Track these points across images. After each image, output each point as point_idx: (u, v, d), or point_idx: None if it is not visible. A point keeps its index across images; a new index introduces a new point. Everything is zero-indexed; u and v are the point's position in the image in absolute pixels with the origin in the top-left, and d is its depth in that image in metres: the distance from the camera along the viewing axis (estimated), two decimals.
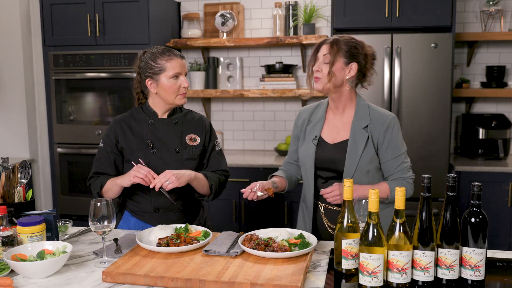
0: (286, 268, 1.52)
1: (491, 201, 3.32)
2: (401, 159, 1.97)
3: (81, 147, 3.78)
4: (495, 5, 3.65)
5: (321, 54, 1.96)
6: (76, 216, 3.72)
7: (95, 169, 2.11)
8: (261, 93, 3.84)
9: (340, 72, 1.94)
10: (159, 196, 2.05)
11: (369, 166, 1.96)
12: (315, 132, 2.05)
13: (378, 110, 2.01)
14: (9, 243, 1.64)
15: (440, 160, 3.37)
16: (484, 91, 3.66)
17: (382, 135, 1.95)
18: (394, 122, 1.97)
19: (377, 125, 1.96)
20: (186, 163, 2.08)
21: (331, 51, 1.93)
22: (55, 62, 3.75)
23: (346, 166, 1.95)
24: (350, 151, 1.95)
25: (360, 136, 1.96)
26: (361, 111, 1.99)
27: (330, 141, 2.02)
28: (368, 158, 1.95)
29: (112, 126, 2.12)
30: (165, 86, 2.02)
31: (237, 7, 4.04)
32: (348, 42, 1.95)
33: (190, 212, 2.15)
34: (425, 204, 1.42)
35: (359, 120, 1.98)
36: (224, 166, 2.21)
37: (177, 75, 2.03)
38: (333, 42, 1.94)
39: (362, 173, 1.95)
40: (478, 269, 1.42)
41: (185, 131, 2.12)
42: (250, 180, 3.56)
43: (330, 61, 1.92)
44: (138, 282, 1.49)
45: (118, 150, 2.09)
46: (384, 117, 1.97)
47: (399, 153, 1.97)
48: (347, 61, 1.94)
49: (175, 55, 2.04)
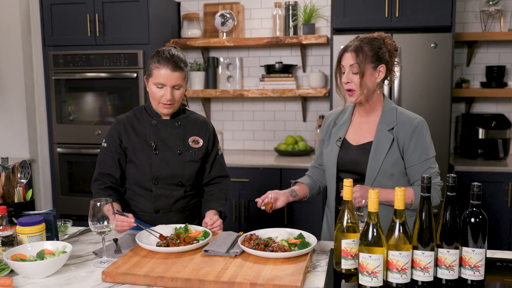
0: (285, 268, 1.52)
1: (491, 201, 3.32)
2: (428, 164, 1.88)
3: (81, 147, 3.78)
4: (495, 5, 3.65)
5: (347, 63, 1.88)
6: (75, 216, 3.72)
7: (100, 169, 2.08)
8: (261, 93, 3.84)
9: (371, 79, 1.88)
10: (160, 197, 2.05)
11: (393, 169, 1.89)
12: (340, 134, 2.00)
13: (405, 112, 1.95)
14: (9, 243, 1.65)
15: (440, 160, 3.34)
16: (484, 91, 3.66)
17: (409, 137, 1.88)
18: (422, 125, 1.90)
19: (403, 127, 1.89)
20: (189, 165, 2.08)
21: (358, 60, 1.85)
22: (55, 62, 3.75)
23: (368, 168, 1.89)
24: (373, 153, 1.89)
25: (385, 138, 1.89)
26: (388, 113, 1.93)
27: (355, 142, 1.97)
28: (392, 161, 1.88)
29: (115, 126, 2.09)
30: (150, 91, 2.01)
31: (237, 7, 4.04)
32: (371, 44, 1.87)
33: (190, 213, 2.16)
34: (425, 204, 1.42)
35: (385, 122, 1.92)
36: (226, 171, 2.24)
37: (161, 85, 1.97)
38: (358, 50, 1.85)
39: (386, 176, 1.89)
40: (478, 269, 1.42)
41: (188, 133, 2.11)
42: (249, 180, 3.56)
43: (360, 72, 1.84)
44: (137, 282, 1.49)
45: (122, 149, 2.07)
46: (411, 119, 1.90)
47: (427, 157, 1.88)
48: (374, 65, 1.87)
49: (166, 64, 1.95)
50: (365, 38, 1.90)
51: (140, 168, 2.04)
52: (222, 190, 2.19)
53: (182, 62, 1.99)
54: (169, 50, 1.99)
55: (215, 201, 2.13)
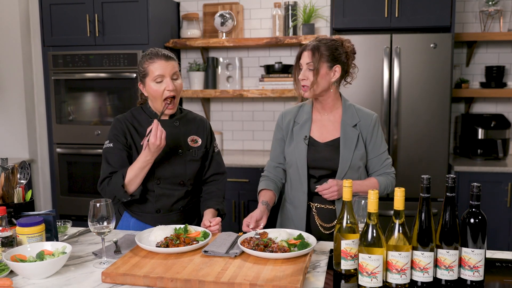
0: (285, 268, 1.52)
1: (490, 202, 3.32)
2: (385, 155, 2.07)
3: (80, 147, 3.78)
4: (494, 5, 3.65)
5: (304, 62, 2.00)
6: (75, 217, 3.72)
7: (110, 169, 2.00)
8: (260, 93, 3.84)
9: (326, 77, 1.99)
10: (161, 197, 2.06)
11: (360, 163, 2.02)
12: (304, 133, 2.06)
13: (362, 109, 2.09)
14: (9, 244, 1.65)
15: (439, 160, 3.37)
16: (483, 91, 3.66)
17: (370, 132, 2.04)
18: (378, 120, 2.08)
19: (365, 123, 2.04)
20: (190, 164, 2.08)
21: (313, 59, 1.96)
22: (54, 62, 3.75)
23: (340, 163, 1.99)
24: (343, 149, 2.00)
25: (351, 134, 2.02)
26: (349, 110, 2.06)
27: (321, 140, 2.05)
28: (360, 155, 2.01)
29: (119, 125, 2.06)
30: (151, 90, 1.99)
31: (236, 7, 4.04)
32: (328, 45, 1.98)
33: (190, 212, 2.16)
34: (424, 205, 1.43)
35: (348, 118, 2.04)
36: (224, 168, 2.24)
37: (160, 78, 1.96)
38: (314, 49, 1.97)
39: (354, 170, 2.01)
40: (477, 270, 1.42)
41: (187, 132, 2.12)
42: (249, 180, 3.56)
43: (314, 69, 1.95)
44: (137, 283, 1.49)
45: (128, 147, 2.04)
46: (370, 115, 2.06)
47: (384, 149, 2.07)
48: (330, 65, 1.98)
49: (159, 57, 1.97)
50: (323, 39, 2.02)
51: None
52: (219, 188, 2.20)
53: (171, 54, 2.03)
54: (155, 49, 2.03)
55: (213, 199, 2.14)
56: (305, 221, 2.06)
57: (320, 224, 2.05)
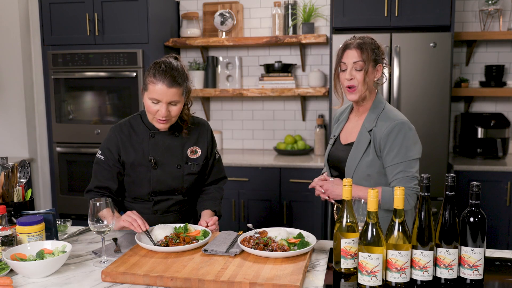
0: (285, 267, 1.52)
1: (490, 200, 3.32)
2: (401, 166, 1.85)
3: (80, 147, 3.78)
4: (494, 4, 3.65)
5: (350, 61, 1.89)
6: (75, 216, 3.72)
7: (97, 183, 2.02)
8: (260, 92, 3.84)
9: (370, 77, 1.91)
10: (159, 202, 2.06)
11: (368, 170, 1.91)
12: (335, 132, 2.12)
13: (389, 113, 1.93)
14: (9, 243, 1.65)
15: (439, 160, 3.37)
16: (483, 91, 3.66)
17: (384, 138, 1.88)
18: (400, 127, 1.86)
19: (380, 129, 1.90)
20: (187, 178, 2.06)
21: (363, 57, 1.87)
22: (54, 61, 3.74)
23: (346, 167, 1.97)
24: (352, 153, 1.95)
25: (364, 139, 1.93)
26: (373, 113, 1.95)
27: (343, 141, 2.05)
28: (367, 162, 1.91)
29: (112, 139, 2.02)
30: (145, 104, 1.92)
31: (236, 6, 4.04)
32: (371, 44, 1.90)
33: (187, 213, 2.16)
34: (424, 204, 1.43)
35: (367, 123, 1.95)
36: (224, 173, 2.23)
37: (156, 101, 1.87)
38: (362, 47, 1.88)
39: (362, 176, 1.92)
40: (477, 269, 1.42)
41: (187, 143, 2.06)
42: (249, 180, 3.57)
43: (365, 68, 1.87)
44: (137, 282, 1.49)
45: (120, 164, 2.02)
46: (390, 120, 1.89)
47: (401, 160, 1.85)
48: (374, 64, 1.91)
49: (163, 80, 1.84)
50: (363, 37, 1.92)
51: (139, 183, 2.03)
52: (217, 189, 2.19)
53: (180, 77, 1.88)
54: (169, 63, 1.88)
55: (210, 200, 2.13)
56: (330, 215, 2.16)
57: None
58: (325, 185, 1.97)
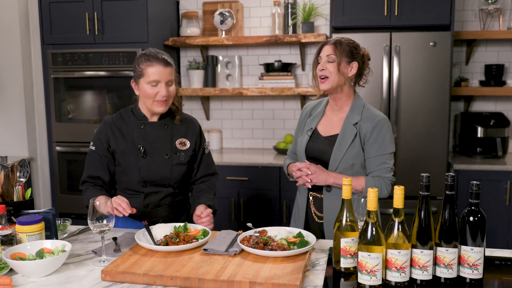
0: (285, 266, 1.52)
1: (489, 200, 3.33)
2: (383, 158, 2.05)
3: (80, 146, 3.78)
4: (494, 3, 3.65)
5: (324, 54, 2.07)
6: (75, 215, 3.72)
7: (89, 173, 2.09)
8: (260, 91, 3.84)
9: (343, 71, 2.06)
10: (149, 194, 2.08)
11: (353, 161, 2.06)
12: (312, 125, 2.19)
13: (371, 109, 2.11)
14: (8, 242, 1.65)
15: (439, 159, 3.37)
16: (482, 90, 3.66)
17: (370, 131, 2.04)
18: (383, 122, 2.06)
19: (366, 122, 2.06)
20: (176, 168, 2.09)
21: (336, 51, 2.04)
22: (53, 61, 3.74)
23: (332, 158, 2.06)
24: (337, 145, 2.06)
25: (349, 131, 2.06)
26: (356, 109, 2.10)
27: (324, 134, 2.14)
28: (353, 153, 2.05)
29: (103, 130, 2.09)
30: (143, 91, 2.00)
31: (236, 6, 4.03)
32: (348, 43, 2.08)
33: (178, 208, 2.18)
34: (424, 203, 1.43)
35: (351, 116, 2.09)
36: (214, 168, 2.25)
37: (155, 83, 1.97)
38: (336, 43, 2.06)
39: (347, 167, 2.05)
40: (477, 268, 1.42)
41: (175, 134, 2.12)
42: (248, 179, 3.57)
43: (337, 61, 2.03)
44: (137, 281, 1.49)
45: (110, 153, 2.08)
46: (374, 116, 2.07)
47: (383, 152, 2.05)
48: (349, 60, 2.06)
49: (158, 61, 1.97)
50: (343, 38, 2.11)
51: (128, 172, 2.06)
52: (209, 186, 2.21)
53: (169, 58, 2.03)
54: (154, 49, 2.03)
55: (203, 196, 2.15)
56: (305, 208, 2.17)
57: (314, 212, 2.14)
58: (312, 168, 2.04)
